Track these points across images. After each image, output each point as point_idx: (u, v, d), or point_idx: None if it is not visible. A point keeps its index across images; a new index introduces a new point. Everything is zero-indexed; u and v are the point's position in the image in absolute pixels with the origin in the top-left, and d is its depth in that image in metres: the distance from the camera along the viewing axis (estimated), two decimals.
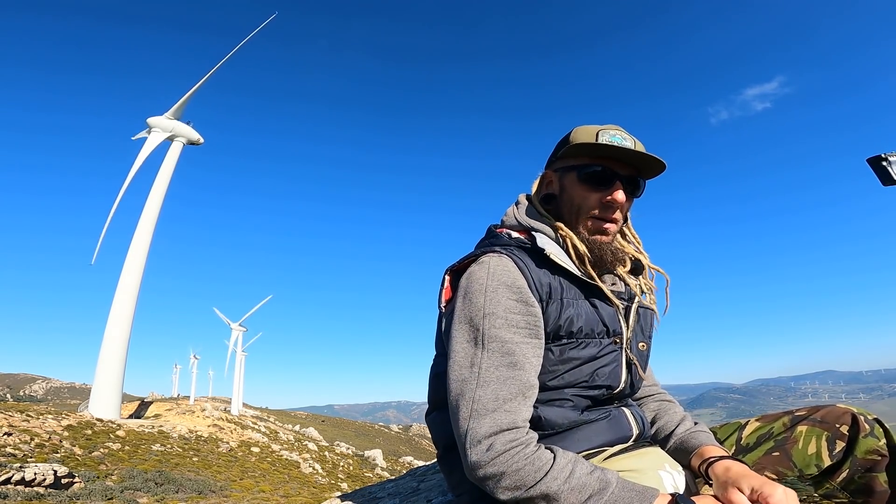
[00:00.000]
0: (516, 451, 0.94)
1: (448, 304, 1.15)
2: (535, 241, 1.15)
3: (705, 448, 1.14)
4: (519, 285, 1.06)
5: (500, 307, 1.03)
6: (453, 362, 1.04)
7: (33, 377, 72.91)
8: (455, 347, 1.05)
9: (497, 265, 1.07)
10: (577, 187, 1.19)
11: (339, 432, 47.82)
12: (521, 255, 1.12)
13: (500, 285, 1.05)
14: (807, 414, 1.24)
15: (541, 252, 1.12)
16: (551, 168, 1.27)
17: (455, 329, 1.06)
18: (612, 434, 1.15)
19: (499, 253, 1.11)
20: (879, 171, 1.67)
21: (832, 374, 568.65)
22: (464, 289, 1.08)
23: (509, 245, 1.17)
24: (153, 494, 8.58)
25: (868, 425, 1.16)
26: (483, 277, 1.06)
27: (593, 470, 0.93)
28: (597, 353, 1.13)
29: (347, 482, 19.58)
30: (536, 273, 1.10)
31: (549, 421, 1.09)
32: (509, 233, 1.22)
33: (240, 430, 25.09)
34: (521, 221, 1.23)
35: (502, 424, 0.96)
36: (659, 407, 1.34)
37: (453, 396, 1.02)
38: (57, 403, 46.92)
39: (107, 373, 20.59)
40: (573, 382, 1.11)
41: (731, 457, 1.08)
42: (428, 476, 2.73)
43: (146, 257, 22.73)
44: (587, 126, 1.20)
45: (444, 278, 1.18)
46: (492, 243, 1.20)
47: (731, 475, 0.97)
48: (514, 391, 0.99)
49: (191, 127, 25.15)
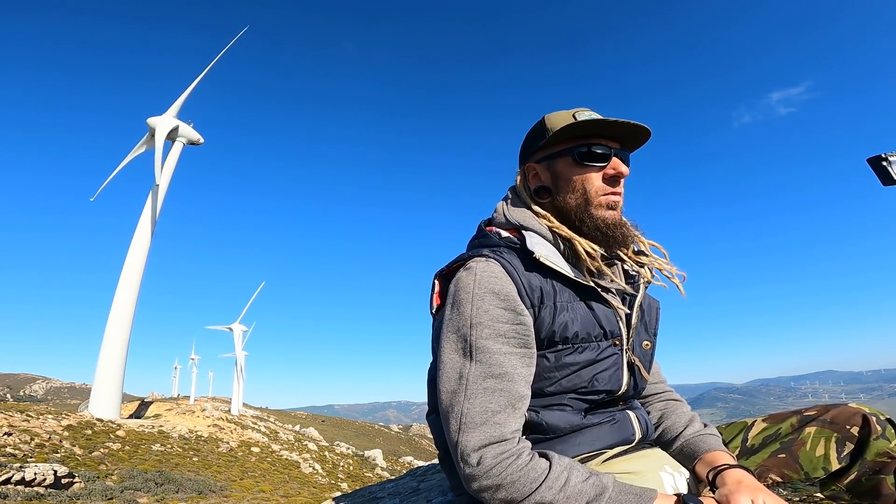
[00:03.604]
0: (509, 463, 0.92)
1: (438, 311, 1.12)
2: (524, 241, 1.11)
3: (714, 454, 1.10)
4: (507, 292, 1.02)
5: (488, 317, 1.00)
6: (442, 373, 1.02)
7: (33, 377, 72.87)
8: (443, 358, 1.03)
9: (484, 271, 1.03)
10: (575, 169, 1.14)
11: (339, 432, 47.79)
12: (511, 258, 1.08)
13: (487, 293, 1.01)
14: (816, 414, 1.20)
15: (530, 254, 1.07)
16: (533, 160, 1.21)
17: (444, 339, 1.04)
18: (614, 438, 1.12)
19: (486, 257, 1.07)
20: (879, 171, 1.66)
21: (832, 374, 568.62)
22: (452, 297, 1.05)
23: (498, 246, 1.13)
24: (153, 494, 8.58)
25: (880, 426, 1.12)
26: (470, 285, 1.02)
27: (589, 476, 0.92)
28: (595, 357, 1.09)
29: (347, 482, 19.57)
30: (527, 277, 1.06)
31: (550, 425, 1.07)
32: (499, 231, 1.17)
33: (240, 430, 25.06)
34: (510, 219, 1.17)
35: (491, 437, 0.94)
36: (665, 407, 1.30)
37: (443, 408, 1.01)
38: (57, 403, 46.90)
39: (107, 373, 20.57)
40: (571, 388, 1.08)
41: (741, 466, 1.04)
42: (428, 476, 2.73)
43: (146, 257, 22.74)
44: (558, 112, 1.16)
45: (434, 283, 1.15)
46: (481, 244, 1.16)
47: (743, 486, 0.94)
48: (503, 403, 0.97)
49: (191, 127, 25.14)
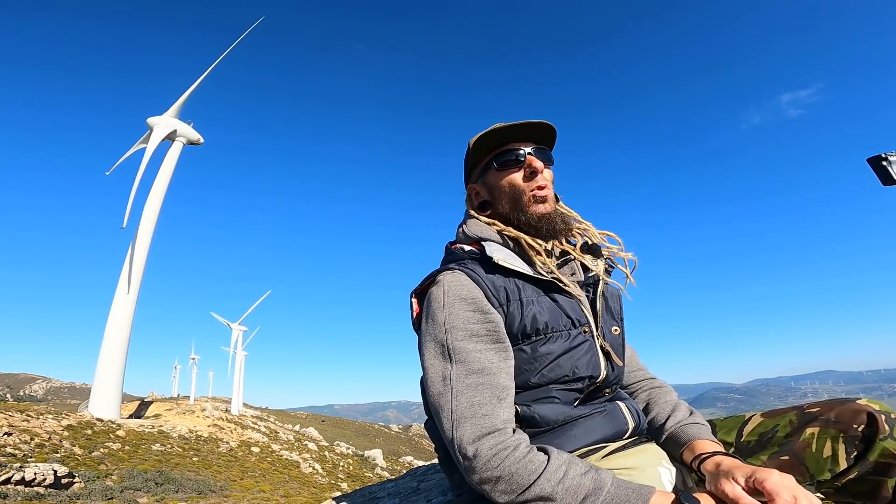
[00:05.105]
0: (506, 455, 0.95)
1: (417, 326, 1.21)
2: (484, 250, 1.21)
3: (697, 442, 1.13)
4: (474, 296, 1.12)
5: (460, 320, 1.09)
6: (428, 379, 1.10)
7: (33, 377, 72.95)
8: (427, 365, 1.11)
9: (451, 281, 1.14)
10: (499, 176, 1.29)
11: (339, 432, 47.81)
12: (474, 267, 1.19)
13: (455, 300, 1.11)
14: (818, 412, 1.15)
15: (490, 260, 1.18)
16: (471, 182, 1.38)
17: (424, 349, 1.12)
18: (608, 429, 1.15)
19: (452, 269, 1.17)
20: (879, 170, 1.65)
21: (832, 374, 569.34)
22: (426, 310, 1.15)
23: (463, 259, 1.24)
24: (153, 494, 8.58)
25: (888, 425, 1.06)
26: (440, 296, 1.13)
27: (587, 470, 0.93)
28: (569, 345, 1.14)
29: (347, 482, 19.58)
30: (490, 279, 1.16)
31: (543, 418, 1.10)
32: (462, 247, 1.29)
33: (240, 430, 25.08)
34: (469, 234, 1.30)
35: (483, 428, 0.99)
36: (650, 395, 1.34)
37: (435, 411, 1.06)
38: (57, 403, 46.93)
39: (107, 373, 20.61)
40: (555, 379, 1.13)
41: (723, 452, 1.05)
42: (428, 476, 2.73)
43: (146, 257, 22.75)
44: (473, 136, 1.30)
45: (412, 301, 1.24)
46: (448, 260, 1.28)
47: (723, 468, 0.97)
48: (488, 395, 1.03)
49: (191, 126, 25.15)
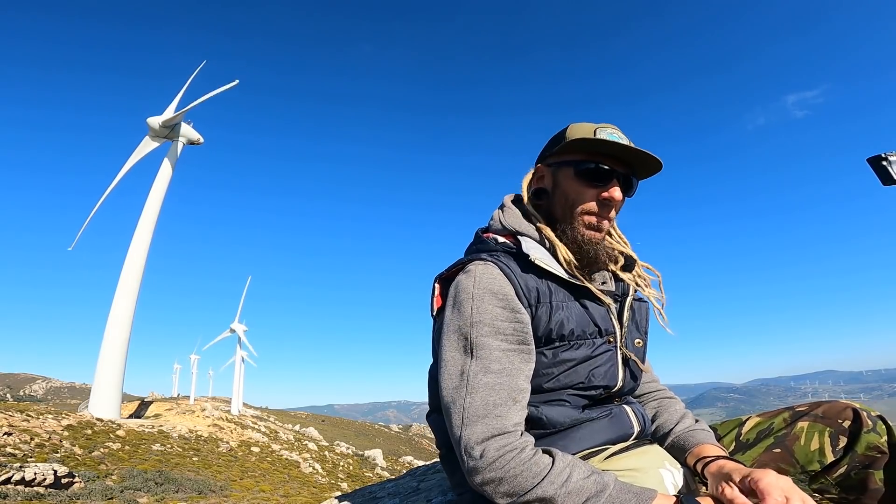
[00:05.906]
0: (512, 457, 0.94)
1: (438, 313, 1.16)
2: (520, 245, 1.15)
3: (702, 447, 1.15)
4: (505, 292, 1.07)
5: (487, 315, 1.04)
6: (444, 371, 1.06)
7: (33, 377, 72.90)
8: (445, 356, 1.06)
9: (483, 273, 1.08)
10: (572, 183, 1.18)
11: (339, 432, 47.80)
12: (508, 261, 1.12)
13: (485, 293, 1.06)
14: (807, 410, 1.24)
15: (526, 257, 1.12)
16: (544, 163, 1.25)
17: (445, 339, 1.08)
18: (613, 432, 1.15)
19: (484, 260, 1.11)
20: (879, 170, 1.65)
21: (832, 374, 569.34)
22: (452, 298, 1.10)
23: (496, 251, 1.17)
24: (153, 494, 8.59)
25: (871, 421, 1.15)
26: (470, 286, 1.07)
27: (590, 473, 0.93)
28: (590, 353, 1.13)
29: (347, 482, 19.59)
30: (523, 278, 1.10)
31: (551, 420, 1.10)
32: (495, 237, 1.22)
33: (240, 430, 25.07)
34: (505, 225, 1.23)
35: (493, 430, 0.97)
36: (659, 405, 1.35)
37: (446, 404, 1.04)
38: (57, 403, 46.94)
39: (107, 372, 20.58)
40: (569, 384, 1.12)
41: (726, 457, 1.08)
42: (428, 476, 2.73)
43: (146, 257, 22.73)
44: (584, 123, 1.19)
45: (434, 286, 1.19)
46: (479, 249, 1.21)
47: (724, 472, 0.98)
48: (504, 396, 1.00)
49: (191, 127, 25.13)
